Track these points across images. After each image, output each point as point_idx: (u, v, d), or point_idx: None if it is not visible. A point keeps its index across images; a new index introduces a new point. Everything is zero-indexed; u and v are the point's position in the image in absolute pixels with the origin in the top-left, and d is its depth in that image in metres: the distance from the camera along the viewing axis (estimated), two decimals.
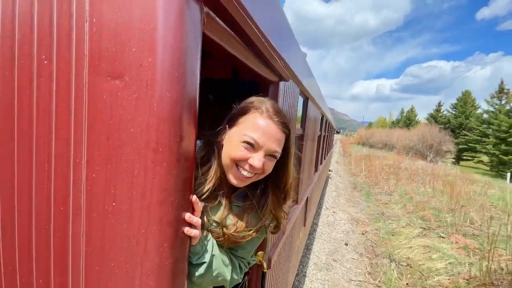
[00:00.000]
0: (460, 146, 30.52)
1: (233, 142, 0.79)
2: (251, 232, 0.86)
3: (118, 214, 0.58)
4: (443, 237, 5.68)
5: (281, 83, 1.50)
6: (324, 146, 6.65)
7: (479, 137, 27.86)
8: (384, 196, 9.12)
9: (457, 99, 37.68)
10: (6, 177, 0.66)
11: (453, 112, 38.46)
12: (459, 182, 10.77)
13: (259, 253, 1.50)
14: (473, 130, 30.27)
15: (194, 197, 0.67)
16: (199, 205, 0.68)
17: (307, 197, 3.62)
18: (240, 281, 0.96)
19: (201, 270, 0.74)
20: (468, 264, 4.51)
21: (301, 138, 2.70)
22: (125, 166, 0.56)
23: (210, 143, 0.86)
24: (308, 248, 4.86)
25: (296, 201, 2.72)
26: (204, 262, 0.75)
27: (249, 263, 1.00)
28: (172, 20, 0.54)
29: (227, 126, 0.85)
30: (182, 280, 0.67)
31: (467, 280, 4.12)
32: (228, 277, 0.83)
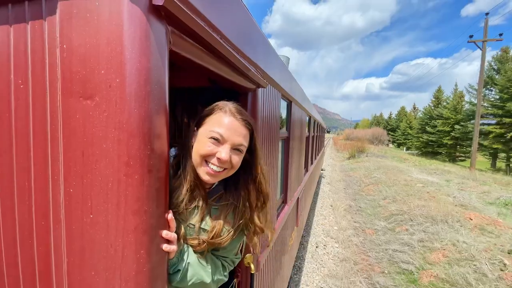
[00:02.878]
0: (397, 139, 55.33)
1: (201, 141, 0.85)
2: (230, 231, 0.91)
3: (96, 225, 0.62)
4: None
5: (259, 90, 1.56)
6: (314, 146, 6.75)
7: (405, 134, 51.51)
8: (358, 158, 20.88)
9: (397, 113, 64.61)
10: None
11: (393, 117, 65.82)
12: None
13: (247, 255, 1.54)
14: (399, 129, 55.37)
15: (169, 215, 0.72)
16: (174, 223, 0.74)
17: (298, 197, 3.68)
18: (226, 279, 0.99)
19: (177, 278, 0.79)
20: None
21: (286, 140, 2.76)
22: (99, 180, 0.60)
23: (183, 148, 0.91)
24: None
25: (284, 201, 2.77)
26: (179, 270, 0.79)
27: (233, 262, 1.03)
28: (137, 42, 0.59)
29: (195, 128, 0.91)
30: (162, 284, 0.71)
31: None
32: (208, 280, 0.87)
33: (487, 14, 16.68)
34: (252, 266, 1.51)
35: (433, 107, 38.05)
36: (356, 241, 5.49)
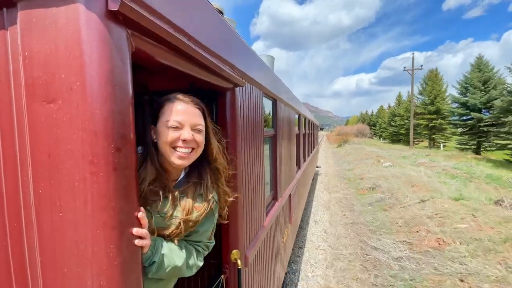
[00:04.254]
0: (376, 132, 66.28)
1: (163, 132, 0.91)
2: (200, 207, 0.96)
3: (66, 223, 0.64)
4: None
5: (238, 89, 1.60)
6: (306, 144, 6.80)
7: (382, 128, 59.69)
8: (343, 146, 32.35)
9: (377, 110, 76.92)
10: None
11: (374, 114, 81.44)
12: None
13: (234, 251, 1.57)
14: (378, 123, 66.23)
15: (140, 213, 0.75)
16: (145, 220, 0.77)
17: (290, 194, 3.72)
18: (200, 264, 1.03)
19: (153, 269, 0.83)
20: None
21: (273, 138, 2.80)
22: (66, 179, 0.63)
23: (146, 145, 0.95)
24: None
25: (275, 198, 2.81)
26: (154, 262, 0.83)
27: (207, 246, 1.08)
28: (95, 46, 0.62)
29: (152, 125, 0.96)
30: (136, 276, 0.74)
31: None
32: (182, 265, 0.91)
33: (413, 53, 30.46)
34: (239, 261, 1.54)
35: (395, 107, 51.81)
36: (334, 170, 14.07)
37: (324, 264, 4.38)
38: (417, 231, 5.05)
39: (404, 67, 28.89)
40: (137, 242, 0.74)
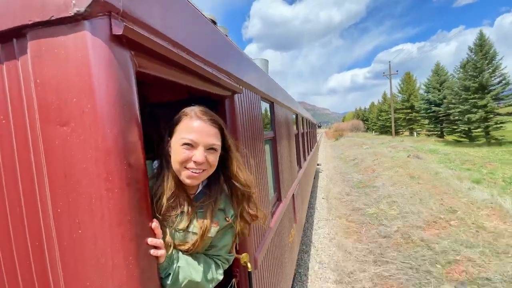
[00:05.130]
0: (368, 126, 71.28)
1: (176, 149, 0.90)
2: (218, 227, 0.97)
3: (85, 239, 0.67)
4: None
5: (236, 96, 1.63)
6: (305, 143, 6.85)
7: (373, 122, 66.18)
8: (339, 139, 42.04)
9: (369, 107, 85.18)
10: None
11: (367, 110, 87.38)
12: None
13: (243, 254, 1.60)
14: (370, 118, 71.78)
15: (154, 224, 0.78)
16: (159, 230, 0.80)
17: (293, 194, 3.75)
18: (220, 278, 1.03)
19: (169, 281, 0.85)
20: None
21: (273, 140, 2.84)
22: (83, 198, 0.66)
23: (161, 158, 0.97)
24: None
25: (279, 199, 2.84)
26: (170, 274, 0.85)
27: (227, 260, 1.08)
28: (103, 70, 0.65)
29: (168, 138, 0.96)
30: (154, 286, 0.77)
31: None
32: (200, 280, 0.92)
33: (389, 61, 39.52)
34: (249, 264, 1.57)
35: (381, 104, 58.24)
36: (331, 154, 22.44)
37: (326, 180, 11.51)
38: (366, 170, 11.83)
39: (383, 73, 39.69)
40: (152, 252, 0.77)
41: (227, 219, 1.02)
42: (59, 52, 0.65)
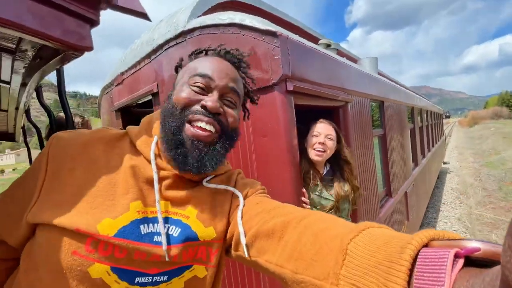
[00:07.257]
0: None
1: (309, 142, 1.50)
2: (344, 192, 1.53)
3: (275, 191, 1.36)
4: None
5: (349, 104, 2.08)
6: (424, 137, 6.21)
7: None
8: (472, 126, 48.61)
9: None
10: None
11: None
12: None
13: None
14: None
15: (303, 190, 1.40)
16: (306, 194, 1.41)
17: (406, 192, 3.74)
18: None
19: None
20: None
21: (382, 137, 3.04)
22: (275, 172, 1.34)
23: (301, 151, 1.59)
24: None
25: (388, 194, 3.03)
26: None
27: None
28: (282, 108, 1.31)
29: (306, 138, 1.57)
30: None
31: None
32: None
33: None
34: None
35: None
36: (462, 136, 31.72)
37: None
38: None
39: None
40: (303, 199, 1.39)
41: (348, 188, 1.55)
42: (263, 102, 1.35)
